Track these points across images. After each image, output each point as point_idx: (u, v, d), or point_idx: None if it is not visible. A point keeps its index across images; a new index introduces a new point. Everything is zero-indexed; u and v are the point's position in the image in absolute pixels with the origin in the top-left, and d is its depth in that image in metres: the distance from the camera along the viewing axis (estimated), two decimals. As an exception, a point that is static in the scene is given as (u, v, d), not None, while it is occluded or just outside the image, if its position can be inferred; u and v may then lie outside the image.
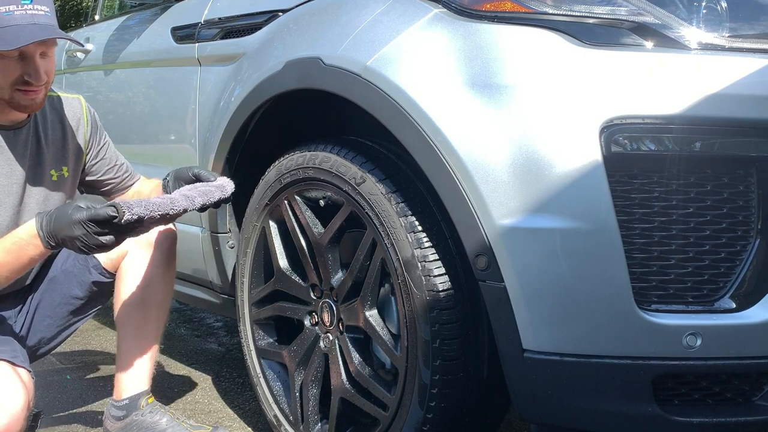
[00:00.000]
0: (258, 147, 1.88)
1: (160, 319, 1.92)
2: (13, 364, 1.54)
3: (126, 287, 1.86)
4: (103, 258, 1.84)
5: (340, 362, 1.64)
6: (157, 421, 1.82)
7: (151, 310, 1.87)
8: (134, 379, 1.87)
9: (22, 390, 1.49)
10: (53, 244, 1.47)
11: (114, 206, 1.42)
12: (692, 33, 1.26)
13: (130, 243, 1.81)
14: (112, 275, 1.88)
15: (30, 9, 1.54)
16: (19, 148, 1.71)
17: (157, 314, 1.89)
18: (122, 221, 1.41)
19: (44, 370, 2.44)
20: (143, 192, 1.95)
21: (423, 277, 1.40)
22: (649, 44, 1.27)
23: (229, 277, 2.02)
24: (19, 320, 1.84)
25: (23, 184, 1.72)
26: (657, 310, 1.24)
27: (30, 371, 1.58)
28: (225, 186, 1.68)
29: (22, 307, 1.84)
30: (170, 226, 1.89)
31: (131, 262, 1.85)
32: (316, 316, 1.72)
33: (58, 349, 2.02)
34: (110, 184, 1.94)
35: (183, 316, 3.27)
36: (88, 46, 2.80)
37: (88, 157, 1.87)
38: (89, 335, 2.94)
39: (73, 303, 1.87)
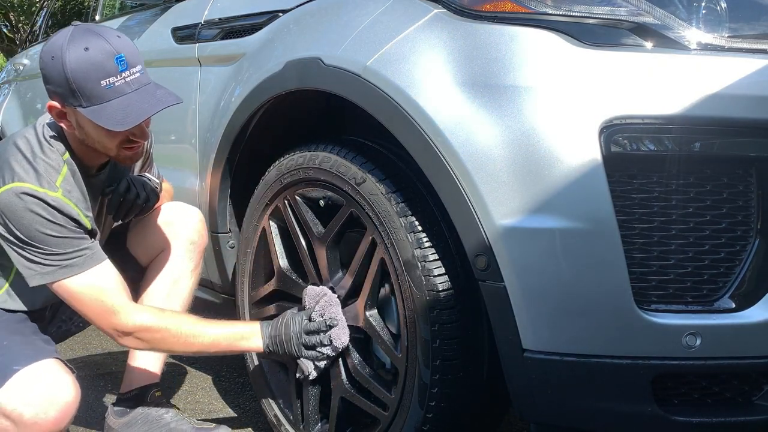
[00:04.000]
0: (258, 147, 1.88)
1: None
2: (63, 362, 1.59)
3: (156, 278, 1.89)
4: (140, 249, 1.90)
5: (340, 362, 1.64)
6: (162, 414, 1.83)
7: (175, 305, 1.89)
8: (146, 370, 1.90)
9: (72, 385, 1.54)
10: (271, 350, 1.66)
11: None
12: (692, 33, 1.26)
13: (168, 239, 1.88)
14: (142, 270, 1.92)
15: (128, 76, 1.49)
16: (105, 186, 1.74)
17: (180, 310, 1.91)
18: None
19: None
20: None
21: (423, 277, 1.40)
22: (648, 44, 1.27)
23: (230, 277, 2.03)
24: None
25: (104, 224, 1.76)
26: (656, 310, 1.25)
27: (74, 371, 1.62)
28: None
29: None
30: (204, 229, 1.95)
31: (166, 256, 1.89)
32: (316, 316, 1.72)
33: (58, 350, 2.02)
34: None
35: (183, 316, 3.26)
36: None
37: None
38: (89, 335, 2.93)
39: None
